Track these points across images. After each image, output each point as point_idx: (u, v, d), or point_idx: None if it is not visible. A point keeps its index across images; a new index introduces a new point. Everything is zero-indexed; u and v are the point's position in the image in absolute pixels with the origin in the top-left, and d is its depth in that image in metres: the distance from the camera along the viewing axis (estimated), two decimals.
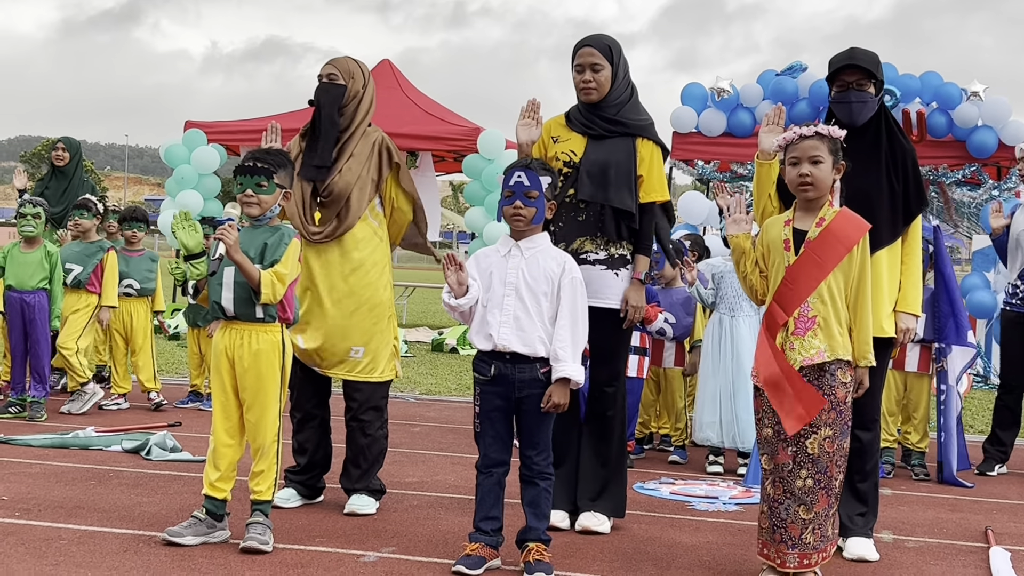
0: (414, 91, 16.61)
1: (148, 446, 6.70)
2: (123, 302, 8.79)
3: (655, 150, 5.35)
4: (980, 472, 7.60)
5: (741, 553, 5.03)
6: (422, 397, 10.45)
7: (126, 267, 8.82)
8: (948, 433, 7.17)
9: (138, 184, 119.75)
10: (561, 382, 4.50)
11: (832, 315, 4.37)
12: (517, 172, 4.64)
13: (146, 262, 8.98)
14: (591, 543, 5.09)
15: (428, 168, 16.25)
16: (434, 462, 7.03)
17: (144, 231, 9.16)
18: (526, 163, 4.71)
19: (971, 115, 12.45)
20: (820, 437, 4.34)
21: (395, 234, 5.69)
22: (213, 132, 15.53)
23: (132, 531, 4.88)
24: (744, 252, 4.56)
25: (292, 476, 5.62)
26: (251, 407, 4.74)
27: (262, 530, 4.65)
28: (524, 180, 4.61)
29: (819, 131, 4.45)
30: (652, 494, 6.32)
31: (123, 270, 8.77)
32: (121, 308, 8.77)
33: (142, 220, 9.07)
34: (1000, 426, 7.73)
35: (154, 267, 9.01)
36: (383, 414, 5.64)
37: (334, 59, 5.67)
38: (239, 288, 4.70)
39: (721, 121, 12.89)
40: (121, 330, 8.83)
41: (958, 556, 5.20)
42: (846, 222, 4.43)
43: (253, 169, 4.76)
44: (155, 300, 9.10)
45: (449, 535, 5.06)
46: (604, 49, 5.31)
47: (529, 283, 4.56)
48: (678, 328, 7.56)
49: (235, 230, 4.63)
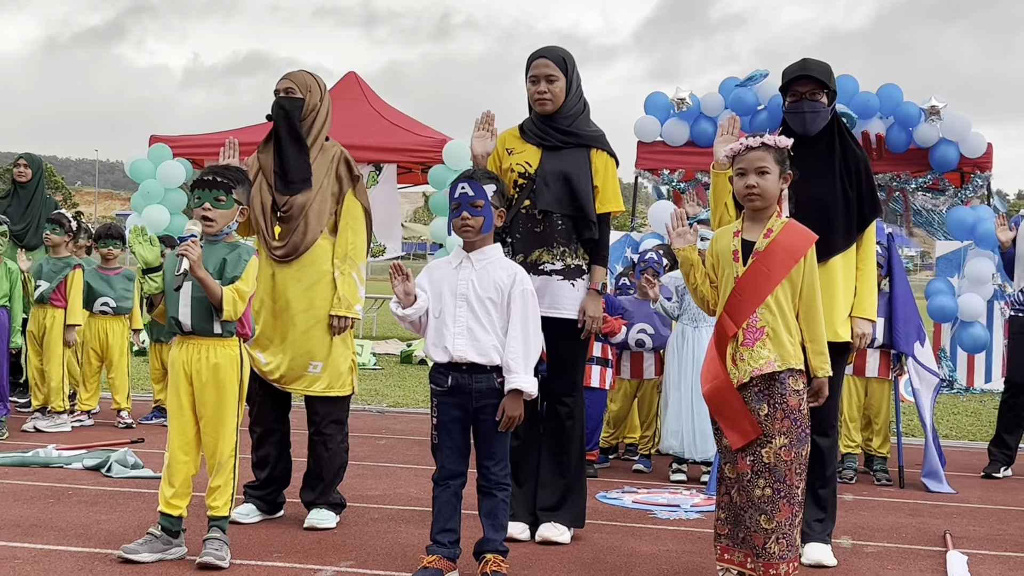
0: (380, 103, 16.58)
1: (109, 463, 6.66)
2: (99, 320, 8.77)
3: (609, 161, 5.39)
4: (986, 475, 7.68)
5: (700, 561, 5.05)
6: (389, 409, 10.44)
7: (102, 285, 8.78)
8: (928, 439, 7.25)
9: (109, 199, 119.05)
10: (514, 394, 4.50)
11: (781, 325, 4.38)
12: (461, 184, 4.66)
13: (123, 280, 8.92)
14: (550, 553, 5.09)
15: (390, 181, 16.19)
16: (398, 475, 7.02)
17: (120, 248, 9.08)
18: (469, 174, 4.71)
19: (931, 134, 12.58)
20: (775, 446, 4.35)
21: None
22: (178, 146, 15.44)
23: (89, 549, 4.85)
24: (692, 264, 4.58)
25: (251, 491, 5.60)
26: (208, 422, 4.72)
27: (219, 546, 4.63)
28: (468, 191, 4.63)
29: (765, 141, 4.47)
30: (615, 503, 6.33)
31: (99, 288, 8.73)
32: (97, 326, 8.75)
33: (118, 237, 8.97)
34: (1005, 429, 7.81)
35: (131, 285, 8.94)
36: (344, 428, 5.64)
37: (290, 73, 5.67)
38: (197, 303, 4.69)
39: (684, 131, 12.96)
40: (97, 348, 8.79)
41: (916, 560, 5.23)
42: (794, 233, 4.46)
43: (212, 183, 4.75)
44: (132, 318, 9.05)
45: (408, 548, 5.06)
46: (559, 61, 5.34)
47: (479, 293, 4.57)
48: (657, 338, 7.59)
49: (198, 246, 4.62)
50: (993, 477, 7.64)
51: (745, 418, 4.35)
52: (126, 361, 8.92)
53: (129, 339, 9.02)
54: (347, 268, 5.48)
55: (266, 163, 5.57)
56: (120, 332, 8.89)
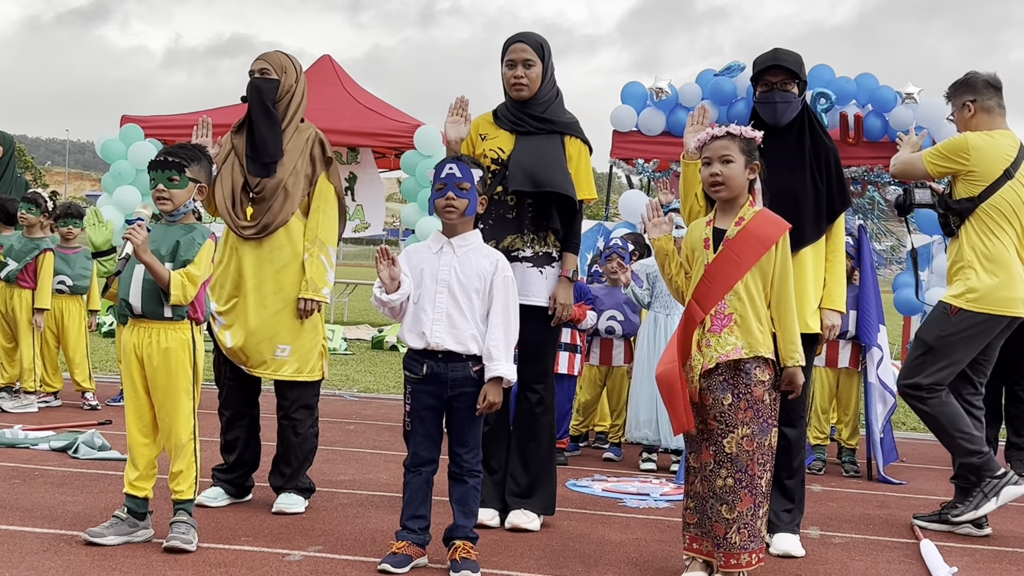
0: (354, 86, 16.51)
1: (76, 444, 6.61)
2: (55, 299, 8.67)
3: (583, 148, 5.38)
4: None
5: (668, 549, 5.05)
6: (360, 395, 10.41)
7: (60, 264, 8.70)
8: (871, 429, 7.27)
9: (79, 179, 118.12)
10: (494, 381, 4.48)
11: (751, 313, 4.38)
12: (449, 164, 4.62)
13: (82, 259, 8.84)
14: (519, 540, 5.09)
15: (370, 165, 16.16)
16: (367, 460, 7.00)
17: (79, 227, 9.01)
18: (457, 156, 4.70)
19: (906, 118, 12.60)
20: (737, 436, 4.34)
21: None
22: (150, 126, 15.32)
23: (54, 530, 4.81)
24: (668, 254, 4.57)
25: (220, 475, 5.57)
26: (162, 406, 4.67)
27: (185, 529, 4.60)
28: (456, 172, 4.59)
29: (730, 131, 4.47)
30: (585, 491, 6.33)
31: (57, 267, 8.66)
32: (53, 305, 8.65)
33: (77, 216, 8.89)
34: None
35: (89, 265, 8.86)
36: (314, 412, 5.61)
37: (265, 54, 5.62)
38: (148, 285, 4.62)
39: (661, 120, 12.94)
40: (53, 327, 8.71)
41: (883, 551, 5.26)
42: (766, 221, 4.46)
43: (164, 164, 4.69)
44: (91, 298, 8.98)
45: (377, 533, 5.04)
46: (536, 46, 5.32)
47: (462, 280, 4.54)
48: (627, 326, 7.59)
49: (144, 230, 4.55)
50: None
51: (684, 408, 4.35)
52: (84, 342, 8.84)
53: (87, 320, 8.94)
54: (316, 251, 5.44)
55: (239, 144, 5.52)
56: (77, 312, 8.81)
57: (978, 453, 5.59)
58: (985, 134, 5.68)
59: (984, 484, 5.57)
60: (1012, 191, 5.61)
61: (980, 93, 5.78)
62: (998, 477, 5.56)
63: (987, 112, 5.78)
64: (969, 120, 5.82)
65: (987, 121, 5.77)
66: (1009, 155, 5.63)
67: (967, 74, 5.89)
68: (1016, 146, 5.68)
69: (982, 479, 5.59)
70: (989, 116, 5.78)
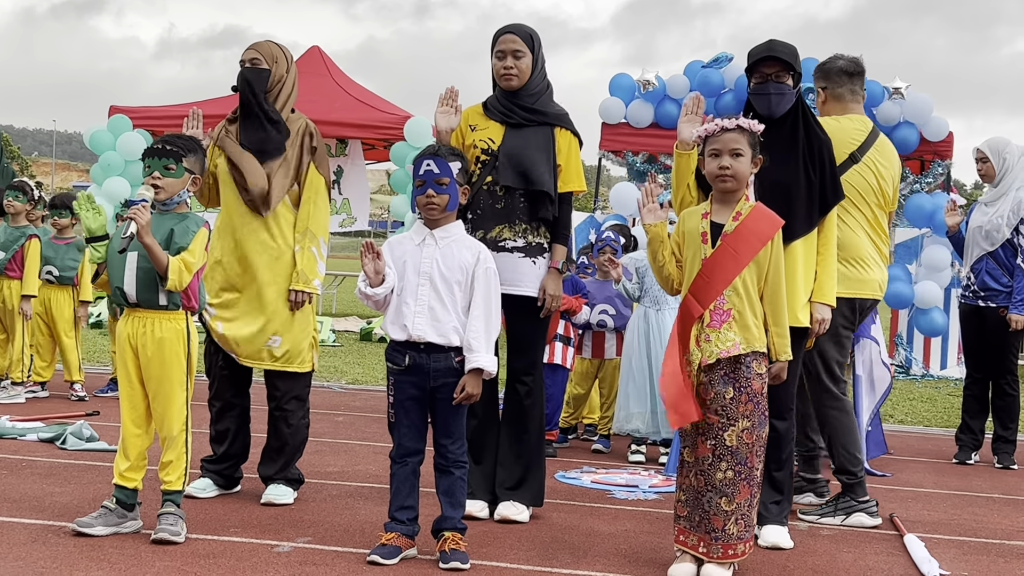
0: (344, 78, 16.48)
1: (64, 435, 6.59)
2: (44, 290, 8.65)
3: (572, 140, 5.37)
4: (959, 461, 7.77)
5: (657, 541, 5.06)
6: (348, 386, 10.40)
7: (49, 253, 8.67)
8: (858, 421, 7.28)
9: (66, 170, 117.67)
10: (474, 372, 4.49)
11: (747, 308, 4.40)
12: (426, 160, 4.60)
13: (72, 250, 8.79)
14: (509, 532, 5.09)
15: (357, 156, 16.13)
16: (356, 452, 7.00)
17: (67, 218, 8.98)
18: (434, 150, 4.66)
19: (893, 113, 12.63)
20: (738, 429, 4.37)
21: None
22: (139, 117, 15.29)
23: (42, 521, 4.80)
24: (662, 241, 4.58)
25: (209, 466, 5.56)
26: (156, 396, 4.67)
27: (174, 520, 4.60)
28: (434, 168, 4.58)
29: (740, 124, 4.48)
30: (573, 483, 6.34)
31: (48, 256, 8.63)
32: (41, 295, 8.63)
33: (69, 208, 8.89)
34: (969, 415, 7.92)
35: (79, 256, 8.82)
36: (305, 404, 5.61)
37: (256, 43, 5.61)
38: (143, 273, 4.61)
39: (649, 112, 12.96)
40: (43, 315, 8.69)
41: (871, 543, 5.28)
42: (761, 216, 4.47)
43: (161, 152, 4.68)
44: (82, 290, 8.94)
45: (366, 525, 5.04)
46: (526, 37, 5.32)
47: (444, 272, 4.54)
48: (618, 319, 7.60)
49: (148, 211, 4.54)
50: (966, 464, 7.73)
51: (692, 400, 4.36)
52: (74, 332, 8.82)
53: (77, 311, 8.90)
54: (307, 243, 5.44)
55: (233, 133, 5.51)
56: (65, 303, 8.77)
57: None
58: (832, 119, 5.74)
59: (845, 500, 5.65)
60: (859, 175, 5.62)
61: (831, 80, 5.90)
62: (861, 501, 5.63)
63: (837, 100, 5.90)
64: (821, 106, 5.96)
65: (837, 108, 5.88)
66: (855, 140, 5.66)
67: (826, 59, 6.00)
68: (865, 131, 5.72)
69: (848, 495, 5.65)
70: (839, 103, 5.89)
